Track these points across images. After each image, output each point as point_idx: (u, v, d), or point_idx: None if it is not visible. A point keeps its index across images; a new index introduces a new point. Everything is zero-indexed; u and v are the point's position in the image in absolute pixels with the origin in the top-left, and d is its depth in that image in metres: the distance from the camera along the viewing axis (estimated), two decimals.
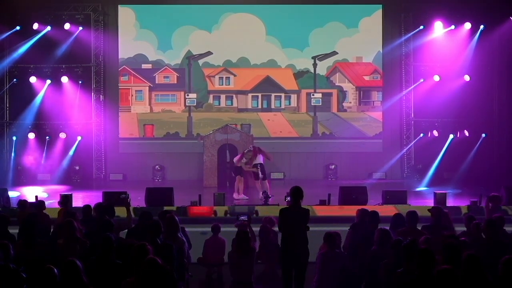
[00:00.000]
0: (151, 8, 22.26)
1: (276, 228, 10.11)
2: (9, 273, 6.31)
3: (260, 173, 16.94)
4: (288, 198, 9.37)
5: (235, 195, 16.94)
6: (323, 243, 9.18)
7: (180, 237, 8.89)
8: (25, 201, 12.53)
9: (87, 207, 10.95)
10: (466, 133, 21.26)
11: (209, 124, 21.89)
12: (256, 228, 10.39)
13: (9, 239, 8.50)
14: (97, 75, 21.81)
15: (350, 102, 22.49)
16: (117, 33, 22.06)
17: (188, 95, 22.16)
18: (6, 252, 7.22)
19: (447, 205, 14.08)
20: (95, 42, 21.64)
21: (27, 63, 21.24)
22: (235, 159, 17.57)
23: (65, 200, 12.58)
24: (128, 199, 10.71)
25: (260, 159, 17.23)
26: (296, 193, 9.21)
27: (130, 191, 14.05)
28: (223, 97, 22.42)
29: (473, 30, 21.13)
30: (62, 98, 21.39)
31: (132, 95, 22.30)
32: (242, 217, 10.99)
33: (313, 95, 22.26)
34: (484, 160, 20.70)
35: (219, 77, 22.35)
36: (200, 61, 22.31)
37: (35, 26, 20.97)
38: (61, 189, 18.29)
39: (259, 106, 22.46)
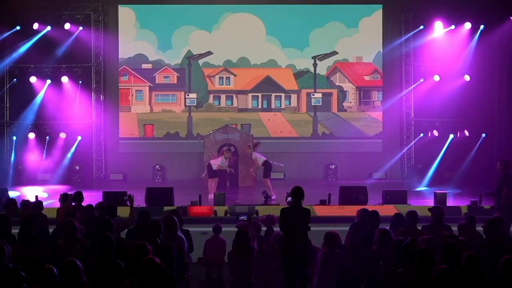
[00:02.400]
0: (151, 8, 22.27)
1: (277, 228, 10.11)
2: (8, 273, 6.31)
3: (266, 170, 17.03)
4: (289, 198, 9.36)
5: (210, 196, 16.51)
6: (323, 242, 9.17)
7: (180, 235, 8.89)
8: (28, 201, 12.51)
9: (89, 207, 10.95)
10: (466, 133, 21.26)
11: (209, 124, 21.90)
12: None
13: (9, 239, 8.49)
14: (97, 75, 21.82)
15: (350, 102, 22.49)
16: (117, 33, 22.07)
17: (188, 95, 22.17)
18: (2, 251, 7.22)
19: (447, 205, 14.07)
20: (95, 42, 21.65)
21: (27, 63, 21.26)
22: (214, 163, 17.37)
23: (78, 197, 12.15)
24: (133, 200, 10.66)
25: (262, 156, 17.26)
26: (297, 193, 9.22)
27: (130, 191, 13.99)
28: (223, 97, 22.42)
29: (473, 30, 21.13)
30: (62, 98, 21.41)
31: (132, 95, 22.31)
32: (242, 217, 10.99)
33: (313, 95, 22.26)
34: (484, 160, 20.67)
35: (219, 77, 22.36)
36: (200, 61, 22.32)
37: (35, 26, 20.99)
38: (62, 189, 18.27)
39: (259, 106, 22.46)
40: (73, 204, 11.58)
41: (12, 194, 16.34)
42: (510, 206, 11.91)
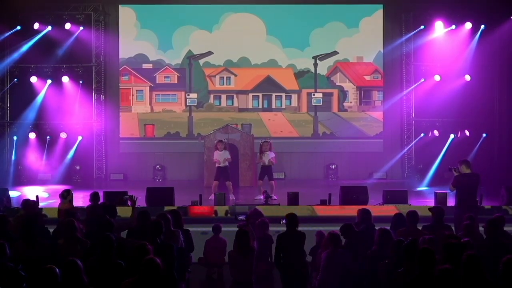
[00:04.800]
0: (152, 8, 22.27)
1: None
2: (7, 272, 6.31)
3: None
4: (284, 221, 9.32)
5: (211, 197, 16.30)
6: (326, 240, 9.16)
7: (174, 230, 8.88)
8: (29, 200, 12.49)
9: (89, 207, 10.96)
10: (467, 133, 21.24)
11: (209, 124, 21.90)
12: None
13: (8, 239, 8.49)
14: (98, 75, 21.81)
15: (351, 102, 22.49)
16: (117, 33, 22.07)
17: (188, 95, 22.17)
18: (2, 251, 7.22)
19: (447, 205, 14.07)
20: (95, 42, 21.64)
21: (28, 63, 21.25)
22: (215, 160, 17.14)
23: (95, 197, 12.19)
24: (135, 201, 10.68)
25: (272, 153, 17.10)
26: (292, 221, 9.13)
27: (130, 191, 14.03)
28: (223, 97, 22.42)
29: (473, 30, 21.11)
30: (62, 98, 21.40)
31: (132, 95, 22.31)
32: (241, 217, 11.02)
33: (313, 95, 22.26)
34: (485, 160, 20.64)
35: (220, 77, 22.36)
36: (201, 61, 22.31)
37: (36, 26, 20.97)
38: (62, 189, 18.25)
39: (260, 106, 22.46)
40: (90, 203, 11.62)
41: (13, 194, 16.35)
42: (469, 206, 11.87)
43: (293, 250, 9.01)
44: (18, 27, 20.82)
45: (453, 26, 21.15)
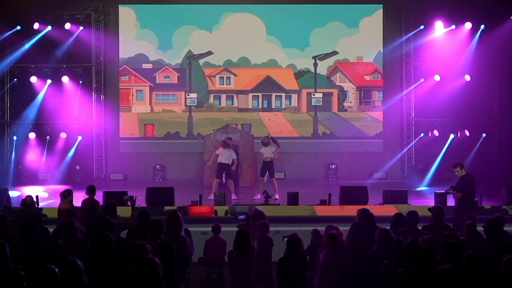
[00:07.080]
0: (152, 8, 22.27)
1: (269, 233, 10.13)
2: (7, 272, 6.30)
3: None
4: (285, 240, 9.16)
5: (210, 196, 16.27)
6: (324, 239, 9.13)
7: (183, 236, 8.92)
8: (27, 198, 12.49)
9: (90, 206, 10.96)
10: (467, 133, 21.24)
11: (209, 124, 21.90)
12: None
13: (8, 239, 8.49)
14: (98, 75, 21.81)
15: (351, 102, 22.49)
16: (117, 33, 22.06)
17: (188, 95, 22.17)
18: (3, 251, 7.22)
19: (447, 205, 14.08)
20: (95, 42, 21.64)
21: (28, 63, 21.24)
22: (221, 159, 16.93)
23: (91, 190, 12.27)
24: (135, 201, 10.69)
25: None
26: (294, 243, 8.85)
27: (130, 191, 14.03)
28: (223, 97, 22.42)
29: (473, 30, 21.11)
30: (62, 98, 21.39)
31: (132, 95, 22.31)
32: (240, 217, 11.02)
33: (313, 95, 22.26)
34: (485, 160, 20.67)
35: (220, 77, 22.35)
36: (201, 61, 22.31)
37: (36, 26, 20.97)
38: (62, 189, 18.25)
39: (260, 106, 22.46)
40: (87, 197, 11.71)
41: (13, 194, 16.35)
42: (468, 206, 11.96)
43: (295, 274, 8.84)
44: (18, 27, 20.81)
45: (453, 26, 21.15)
